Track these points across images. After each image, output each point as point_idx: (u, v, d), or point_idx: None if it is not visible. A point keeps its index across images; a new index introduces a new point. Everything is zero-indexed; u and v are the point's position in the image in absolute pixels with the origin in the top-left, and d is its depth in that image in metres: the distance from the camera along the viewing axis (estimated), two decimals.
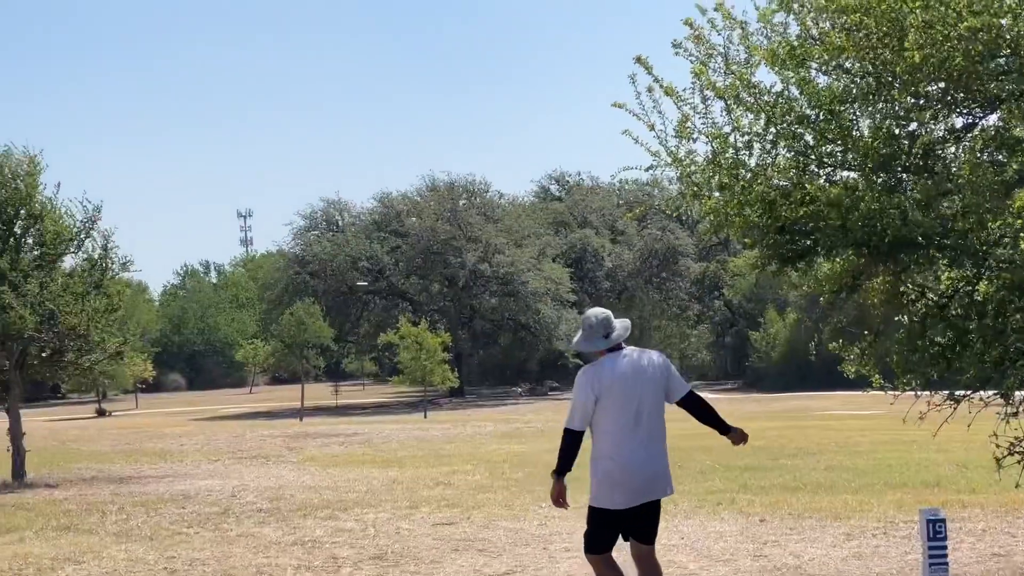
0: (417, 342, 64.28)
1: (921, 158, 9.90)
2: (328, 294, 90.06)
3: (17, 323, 25.28)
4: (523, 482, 23.21)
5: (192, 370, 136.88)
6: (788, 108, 10.29)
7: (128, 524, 18.39)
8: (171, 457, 33.95)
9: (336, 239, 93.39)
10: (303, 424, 54.55)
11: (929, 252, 9.74)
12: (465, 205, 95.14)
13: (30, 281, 25.96)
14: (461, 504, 19.60)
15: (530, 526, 16.79)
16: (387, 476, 25.54)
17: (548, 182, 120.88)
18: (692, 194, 10.91)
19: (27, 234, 26.91)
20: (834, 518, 16.50)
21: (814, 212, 9.89)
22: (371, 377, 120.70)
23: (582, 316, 9.87)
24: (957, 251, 9.61)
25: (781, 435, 35.36)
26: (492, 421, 51.17)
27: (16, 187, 26.30)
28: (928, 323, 10.32)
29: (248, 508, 20.10)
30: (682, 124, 10.76)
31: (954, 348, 10.02)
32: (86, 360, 27.42)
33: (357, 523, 17.66)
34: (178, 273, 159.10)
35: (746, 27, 10.57)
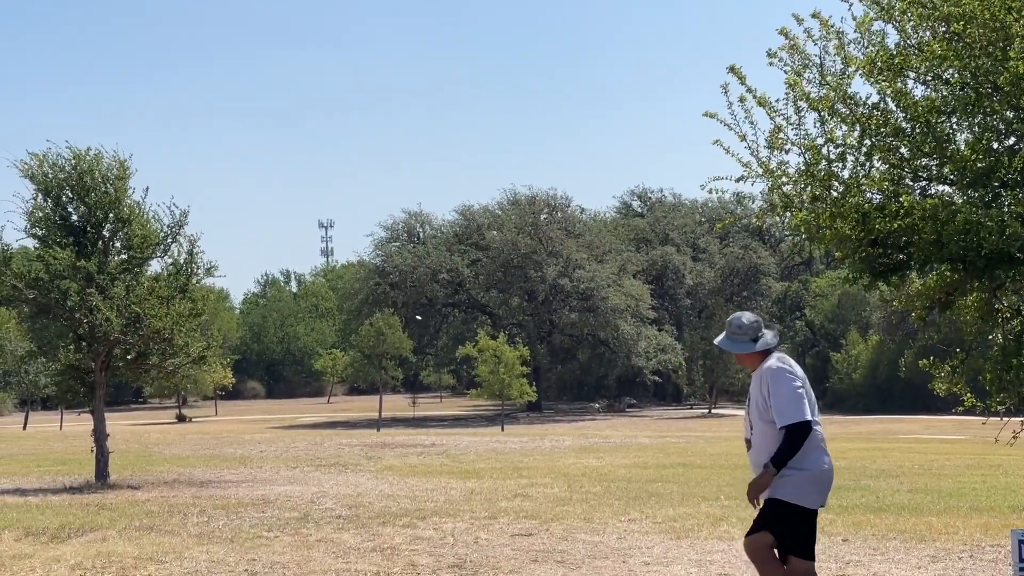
0: (496, 356, 64.35)
1: (1020, 173, 9.72)
2: (408, 305, 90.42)
3: (104, 325, 25.55)
4: (602, 496, 23.06)
5: (271, 378, 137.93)
6: (884, 120, 10.16)
7: (209, 526, 18.47)
8: (251, 463, 34.14)
9: (417, 251, 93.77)
10: (381, 434, 54.71)
11: None
12: (546, 219, 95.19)
13: (117, 284, 26.24)
14: (539, 516, 19.50)
15: (609, 539, 16.66)
16: (465, 486, 25.49)
17: (630, 198, 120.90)
18: (783, 206, 10.79)
19: (115, 238, 27.20)
20: (919, 540, 16.24)
21: (908, 225, 9.75)
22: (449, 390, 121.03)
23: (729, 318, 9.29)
24: None
25: (863, 456, 34.97)
26: (570, 435, 51.03)
27: (106, 191, 26.59)
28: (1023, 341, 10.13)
29: (327, 514, 20.12)
30: (774, 135, 10.66)
31: None
32: (170, 364, 27.62)
33: (435, 532, 17.62)
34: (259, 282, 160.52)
35: (843, 36, 10.46)
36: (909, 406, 76.30)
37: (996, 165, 9.66)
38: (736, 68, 10.68)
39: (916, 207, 9.78)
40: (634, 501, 21.90)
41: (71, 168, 26.52)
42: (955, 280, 10.11)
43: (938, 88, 10.10)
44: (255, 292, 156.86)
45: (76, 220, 26.92)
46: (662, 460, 33.38)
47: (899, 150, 10.25)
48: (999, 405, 10.38)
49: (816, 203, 10.42)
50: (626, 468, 30.59)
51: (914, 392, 74.36)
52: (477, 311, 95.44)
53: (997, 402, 10.36)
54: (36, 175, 26.53)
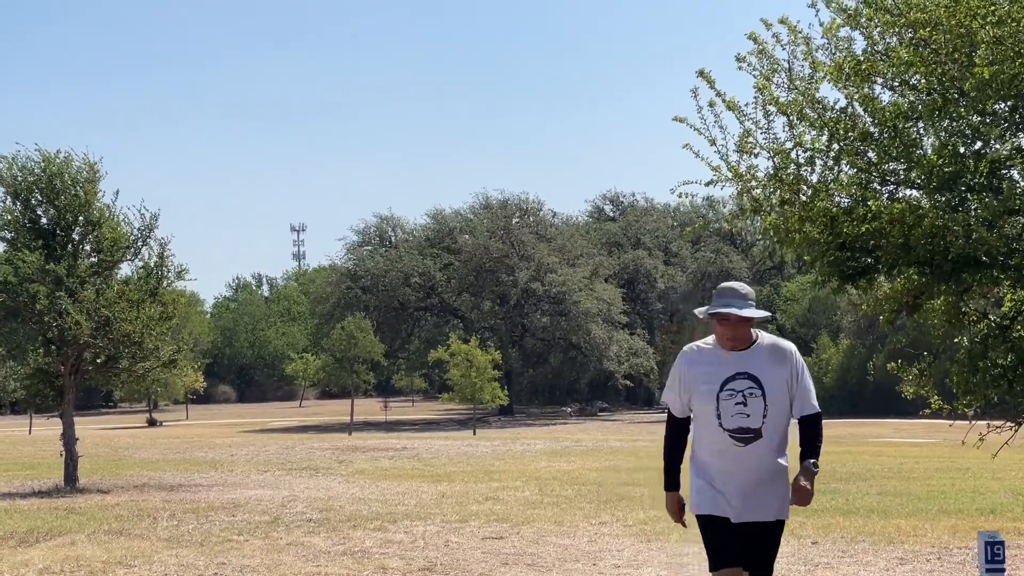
0: (467, 359, 64.29)
1: (986, 177, 9.80)
2: (379, 310, 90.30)
3: (73, 329, 25.48)
4: (573, 499, 23.11)
5: (242, 382, 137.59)
6: (852, 124, 10.23)
7: (179, 530, 18.44)
8: (221, 467, 34.08)
9: (389, 255, 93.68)
10: (353, 438, 54.65)
11: (993, 272, 9.63)
12: (518, 223, 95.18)
13: (86, 287, 26.17)
14: (510, 519, 19.54)
15: (580, 542, 16.71)
16: (436, 490, 25.51)
17: (602, 202, 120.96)
18: (752, 209, 10.85)
19: (85, 241, 27.13)
20: (887, 542, 16.33)
21: (876, 229, 9.82)
22: (421, 394, 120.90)
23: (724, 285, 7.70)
24: (1021, 271, 9.50)
25: (833, 459, 35.09)
26: (541, 439, 51.08)
27: (75, 193, 26.52)
28: (990, 344, 10.20)
29: (298, 518, 20.11)
30: (744, 139, 10.72)
31: (1016, 370, 9.91)
32: (140, 367, 27.56)
33: (406, 535, 17.64)
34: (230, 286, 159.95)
35: (811, 42, 10.52)
36: (879, 410, 76.54)
37: (963, 170, 9.73)
38: (705, 72, 10.73)
39: (884, 211, 9.85)
40: (605, 504, 21.95)
41: (40, 171, 26.43)
42: (922, 284, 10.18)
43: (905, 93, 10.17)
44: (226, 296, 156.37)
45: (45, 223, 26.84)
46: (633, 463, 33.44)
47: (867, 154, 10.32)
48: (966, 408, 10.45)
49: (785, 207, 10.49)
50: (597, 471, 30.65)
51: (884, 396, 74.58)
52: (449, 315, 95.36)
53: (964, 404, 10.43)
54: (5, 178, 26.44)
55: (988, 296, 10.71)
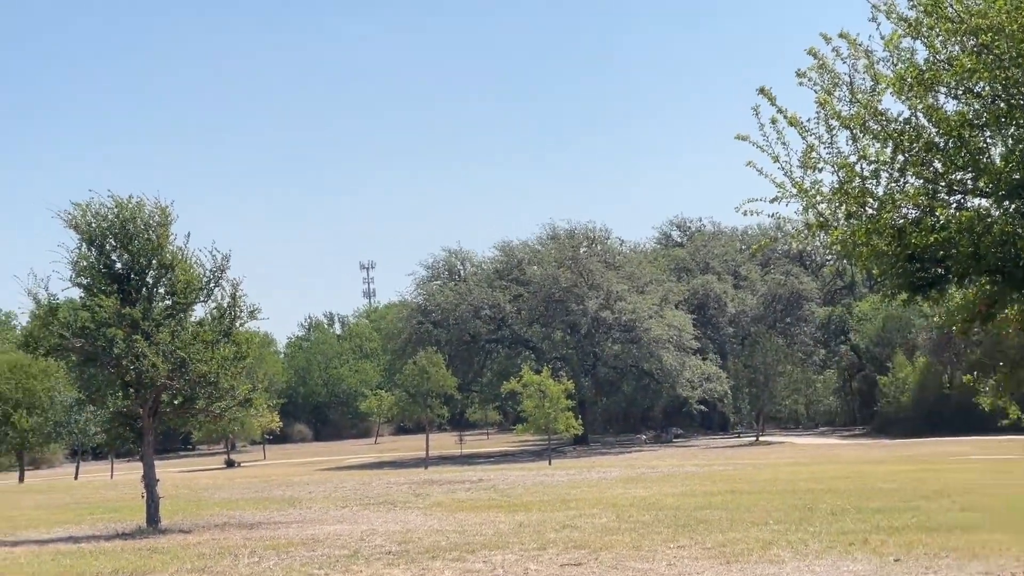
0: (540, 390, 64.25)
1: None
2: (451, 343, 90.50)
3: (150, 371, 25.79)
4: (650, 524, 23.04)
5: (318, 421, 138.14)
6: (916, 135, 10.20)
7: (260, 567, 18.58)
8: (300, 504, 34.25)
9: (458, 288, 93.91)
10: (429, 472, 54.73)
11: None
12: (586, 252, 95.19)
13: (162, 330, 26.49)
14: (588, 545, 19.52)
15: (659, 566, 16.67)
16: (513, 520, 25.51)
17: (669, 228, 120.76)
18: (818, 225, 10.83)
19: (159, 284, 27.47)
20: (971, 557, 16.17)
21: (945, 239, 9.77)
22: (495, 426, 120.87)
23: None
24: None
25: (914, 478, 34.78)
26: (617, 467, 50.94)
27: (148, 238, 26.88)
28: None
29: (377, 551, 20.19)
30: (807, 154, 10.72)
31: None
32: (216, 407, 27.80)
33: (485, 564, 17.66)
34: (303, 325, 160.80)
35: (872, 54, 10.51)
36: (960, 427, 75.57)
37: None
38: (766, 89, 10.76)
39: (952, 221, 9.81)
40: (683, 528, 21.87)
41: (114, 217, 26.83)
42: (995, 292, 10.11)
43: (969, 101, 10.13)
44: (299, 335, 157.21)
45: (120, 268, 27.21)
46: (710, 488, 33.27)
47: (933, 165, 10.28)
48: None
49: (851, 220, 10.46)
50: (674, 496, 30.52)
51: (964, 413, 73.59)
52: (520, 346, 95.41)
53: None
54: (80, 225, 26.85)
55: None
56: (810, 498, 27.43)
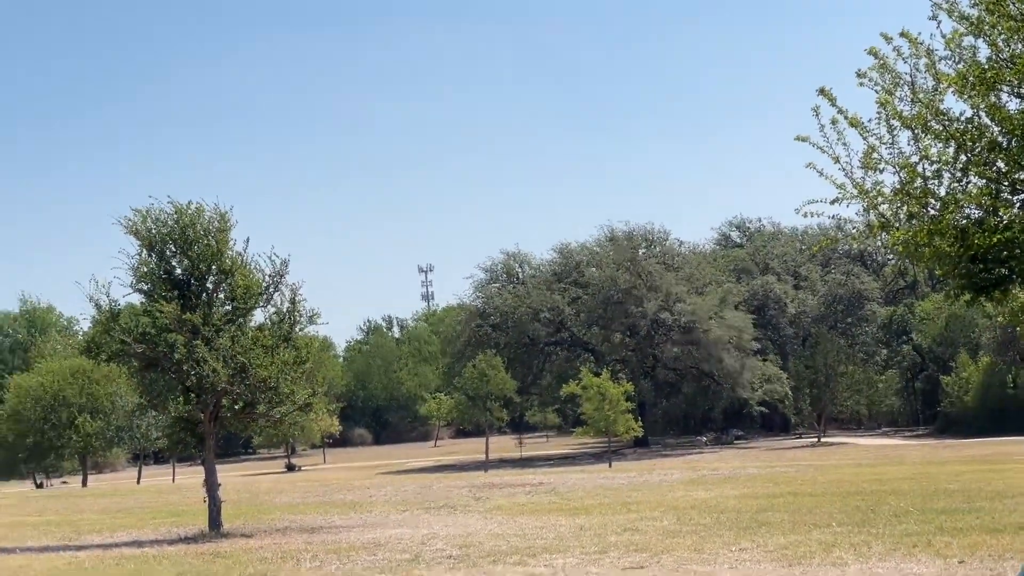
0: (600, 392, 64.14)
1: None
2: (510, 346, 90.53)
3: (211, 376, 25.96)
4: (712, 527, 22.94)
5: (377, 424, 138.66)
6: (979, 135, 10.10)
7: (322, 570, 18.65)
8: (360, 508, 34.36)
9: (517, 291, 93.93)
10: (489, 475, 54.77)
11: None
12: (645, 254, 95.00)
13: (222, 335, 26.65)
14: (650, 549, 19.46)
15: (721, 569, 16.60)
16: (574, 523, 25.47)
17: (728, 228, 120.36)
18: (880, 226, 10.75)
19: (219, 289, 27.65)
20: None
21: (1008, 239, 9.68)
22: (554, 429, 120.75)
23: None
24: None
25: (978, 478, 34.43)
26: (678, 469, 50.78)
27: (208, 243, 27.05)
28: None
29: (438, 555, 20.22)
30: (868, 155, 10.65)
31: None
32: (277, 412, 27.94)
33: (547, 568, 17.64)
34: (362, 329, 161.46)
35: (933, 54, 10.42)
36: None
37: None
38: (826, 90, 10.69)
39: (1016, 221, 9.72)
40: (745, 531, 21.76)
41: (173, 223, 27.03)
42: None
43: None
44: (358, 339, 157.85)
45: (180, 273, 27.39)
46: (772, 490, 33.09)
47: (996, 164, 10.18)
48: None
49: (913, 221, 10.38)
50: (736, 499, 30.38)
51: None
52: (579, 348, 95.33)
53: None
54: (140, 231, 27.07)
55: None
56: (873, 499, 27.23)
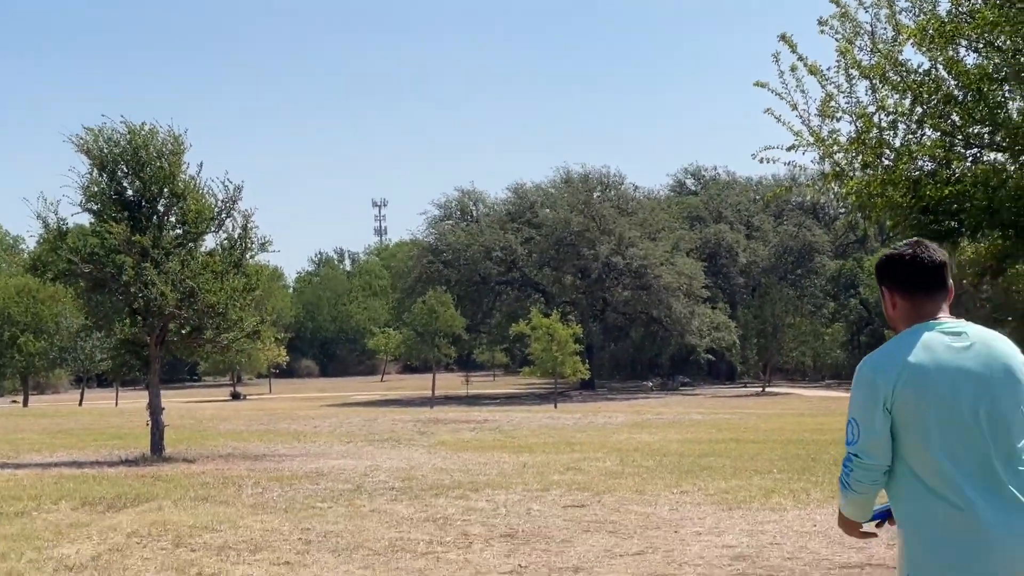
0: (548, 333, 64.34)
1: None
2: (461, 284, 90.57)
3: (159, 299, 25.78)
4: (654, 469, 23.09)
5: (325, 356, 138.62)
6: (935, 87, 10.13)
7: (264, 497, 18.65)
8: (304, 438, 34.38)
9: (470, 229, 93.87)
10: (434, 411, 54.91)
11: None
12: (599, 197, 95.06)
13: (172, 259, 26.47)
14: (592, 488, 19.56)
15: (661, 511, 16.71)
16: (518, 460, 25.58)
17: (684, 176, 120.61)
18: (834, 174, 10.78)
19: (170, 212, 27.41)
20: None
21: (960, 192, 9.74)
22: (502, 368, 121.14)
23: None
24: None
25: None
26: (623, 412, 51.06)
27: (160, 166, 26.79)
28: None
29: (380, 486, 20.25)
30: (825, 103, 10.66)
31: None
32: (224, 338, 27.80)
33: (488, 503, 17.71)
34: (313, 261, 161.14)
35: (894, 4, 10.43)
36: None
37: None
38: (787, 36, 10.68)
39: (967, 174, 9.78)
40: (686, 474, 21.92)
41: (126, 143, 26.74)
42: (1007, 247, 10.08)
43: (990, 55, 10.07)
44: (309, 271, 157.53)
45: (131, 195, 27.14)
46: (715, 436, 33.34)
47: (951, 117, 10.22)
48: None
49: (867, 171, 10.42)
50: (679, 443, 30.59)
51: None
52: (530, 289, 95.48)
53: None
54: (92, 150, 26.76)
55: None
56: (814, 448, 27.49)
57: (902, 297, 4.75)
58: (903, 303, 4.75)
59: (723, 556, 12.85)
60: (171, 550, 13.20)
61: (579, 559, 12.65)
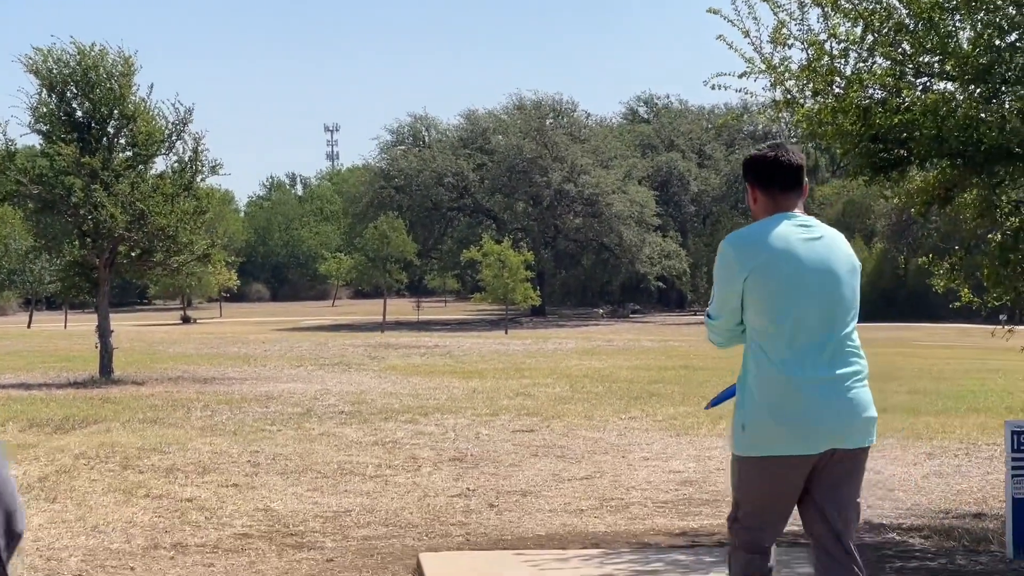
0: (500, 260, 64.37)
1: (1021, 69, 9.71)
2: (413, 209, 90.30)
3: (108, 222, 25.64)
4: (603, 395, 23.26)
5: (276, 281, 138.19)
6: (887, 16, 10.11)
7: (212, 420, 18.68)
8: (255, 362, 34.38)
9: (422, 155, 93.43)
10: (385, 336, 54.95)
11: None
12: (552, 124, 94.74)
13: (121, 181, 26.30)
14: (541, 413, 19.70)
15: (609, 436, 16.86)
16: (467, 386, 25.69)
17: (636, 104, 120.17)
18: (785, 102, 10.78)
19: (120, 134, 27.22)
20: (916, 438, 16.42)
21: (909, 121, 9.75)
22: (453, 294, 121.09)
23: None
24: None
25: None
26: (573, 339, 51.29)
27: (110, 87, 26.56)
28: (1021, 237, 10.17)
29: (330, 410, 20.33)
30: (777, 30, 10.61)
31: None
32: (174, 261, 27.72)
33: (437, 427, 17.82)
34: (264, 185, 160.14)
35: None
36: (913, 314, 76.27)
37: (997, 61, 9.65)
38: None
39: (917, 103, 9.79)
40: (635, 400, 22.09)
41: (76, 64, 26.48)
42: (954, 176, 10.13)
43: None
44: (260, 195, 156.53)
45: (81, 116, 26.91)
46: (664, 363, 33.55)
47: (901, 46, 10.21)
48: (995, 301, 10.45)
49: (818, 99, 10.42)
50: (628, 370, 30.78)
51: (918, 300, 74.53)
52: (482, 215, 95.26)
53: (993, 298, 10.42)
54: (40, 70, 26.47)
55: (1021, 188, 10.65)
56: None
57: (762, 193, 5.41)
58: (763, 198, 5.41)
59: (670, 481, 12.99)
60: (119, 472, 13.22)
61: (527, 483, 12.76)
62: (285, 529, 10.18)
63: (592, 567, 8.32)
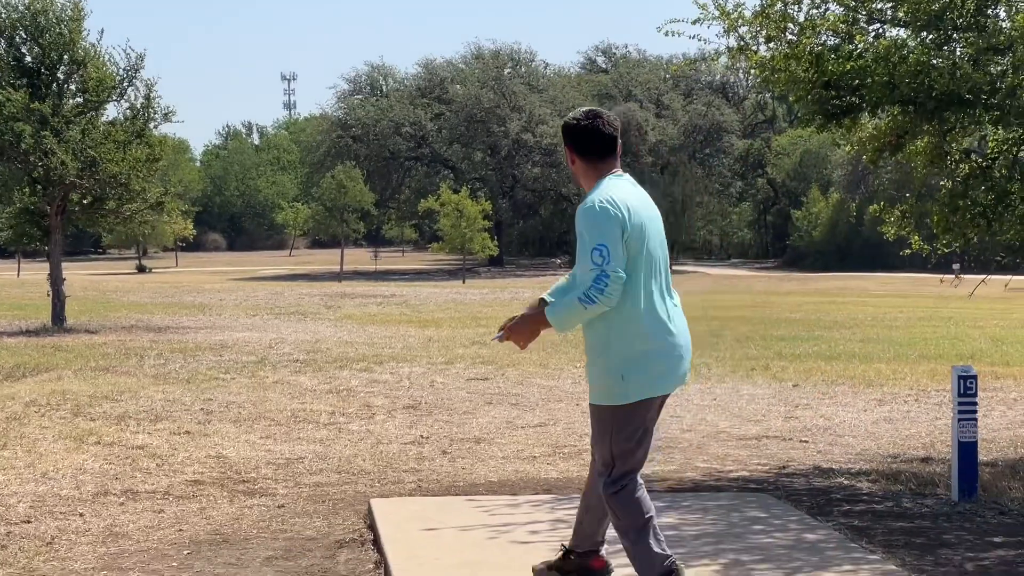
0: (458, 209, 64.34)
1: (972, 16, 9.71)
2: (370, 159, 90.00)
3: (59, 168, 25.40)
4: (559, 344, 23.23)
5: (232, 231, 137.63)
6: None
7: (166, 368, 18.60)
8: (210, 311, 34.25)
9: (380, 104, 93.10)
10: (342, 285, 54.86)
11: (976, 111, 9.60)
12: (510, 74, 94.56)
13: (72, 127, 26.06)
14: (496, 362, 19.71)
15: (564, 384, 16.88)
16: (423, 335, 25.69)
17: (595, 54, 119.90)
18: (739, 48, 10.75)
19: (70, 80, 26.95)
20: (866, 385, 16.53)
21: (861, 67, 9.74)
22: (411, 244, 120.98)
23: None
24: (1004, 111, 9.46)
25: (818, 309, 35.37)
26: (530, 289, 51.30)
27: (60, 32, 26.28)
28: (971, 184, 10.21)
29: (284, 358, 20.28)
30: None
31: (995, 208, 9.92)
32: (127, 209, 27.54)
33: (392, 376, 17.80)
34: (220, 133, 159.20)
35: None
36: (868, 264, 76.77)
37: (949, 7, 9.65)
38: None
39: (869, 49, 9.78)
40: None
41: (24, 8, 26.19)
42: (905, 123, 10.14)
43: None
44: (216, 144, 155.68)
45: (30, 61, 26.63)
46: None
47: None
48: (945, 248, 10.50)
49: (771, 45, 10.40)
50: None
51: (873, 250, 74.97)
52: (440, 165, 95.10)
53: (943, 245, 10.48)
54: None
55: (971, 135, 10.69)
56: (718, 325, 27.80)
57: (581, 159, 5.95)
58: (581, 162, 5.95)
59: None
60: (70, 419, 13.15)
61: (481, 430, 12.77)
62: (237, 476, 10.15)
63: (543, 512, 8.34)
